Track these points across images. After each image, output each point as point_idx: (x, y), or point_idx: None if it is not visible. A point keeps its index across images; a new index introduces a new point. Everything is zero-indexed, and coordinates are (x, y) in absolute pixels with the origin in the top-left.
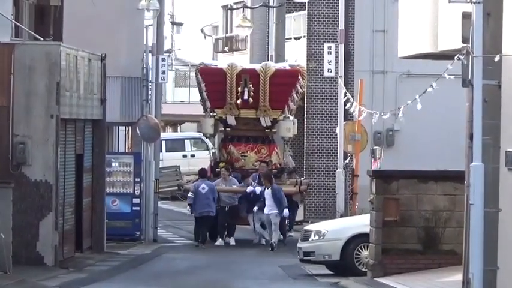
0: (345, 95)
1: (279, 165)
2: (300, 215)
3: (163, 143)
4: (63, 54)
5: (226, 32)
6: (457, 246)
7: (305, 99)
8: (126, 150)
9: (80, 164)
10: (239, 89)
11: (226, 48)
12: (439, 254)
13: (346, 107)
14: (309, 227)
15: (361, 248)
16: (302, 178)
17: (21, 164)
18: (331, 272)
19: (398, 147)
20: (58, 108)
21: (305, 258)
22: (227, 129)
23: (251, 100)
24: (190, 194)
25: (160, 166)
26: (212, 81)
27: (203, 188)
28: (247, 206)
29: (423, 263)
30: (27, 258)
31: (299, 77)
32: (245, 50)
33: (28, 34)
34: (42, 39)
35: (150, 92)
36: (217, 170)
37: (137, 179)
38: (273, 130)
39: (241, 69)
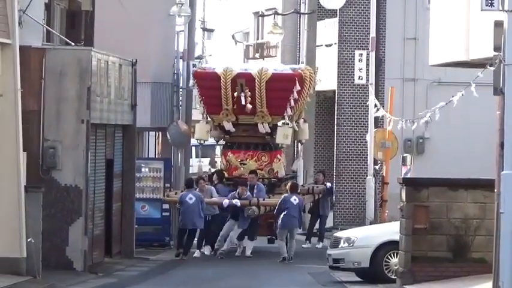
0: (374, 103)
1: (280, 175)
2: (329, 222)
3: (193, 148)
4: (94, 59)
5: (257, 39)
6: (486, 254)
7: (335, 106)
8: (156, 156)
9: (110, 169)
10: (235, 94)
11: (257, 55)
12: (468, 262)
13: (375, 114)
14: (339, 234)
15: (390, 255)
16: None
17: (51, 169)
18: (360, 279)
19: (428, 155)
20: (89, 113)
21: (334, 265)
22: (226, 136)
23: (249, 106)
24: (177, 206)
25: (190, 172)
26: (207, 86)
27: (190, 198)
28: (231, 216)
29: (452, 271)
30: (56, 263)
31: (297, 81)
32: (276, 56)
33: (59, 39)
34: (73, 44)
35: (180, 98)
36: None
37: (167, 185)
38: (274, 137)
39: (237, 74)
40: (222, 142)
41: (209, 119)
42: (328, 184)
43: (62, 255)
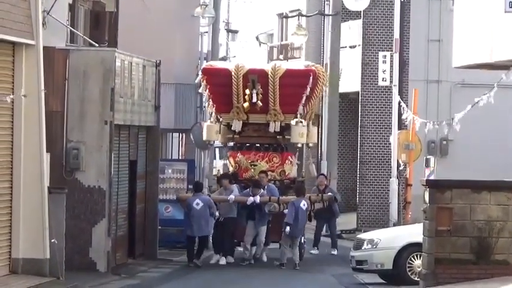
0: (399, 104)
1: (292, 175)
2: (353, 224)
3: (217, 150)
4: (118, 60)
5: (281, 40)
6: (509, 256)
7: (359, 108)
8: (180, 157)
9: (133, 171)
10: (247, 91)
11: (281, 56)
12: (491, 264)
13: (403, 117)
14: (362, 235)
15: (413, 257)
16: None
17: (74, 170)
18: (383, 281)
19: (452, 157)
20: (112, 114)
21: (358, 266)
22: (235, 136)
23: (260, 103)
24: (186, 210)
25: (213, 173)
26: (216, 83)
27: (197, 204)
28: (246, 216)
29: (475, 273)
30: (79, 264)
31: (311, 78)
32: (300, 57)
33: (83, 40)
34: (97, 45)
35: (204, 99)
36: (223, 181)
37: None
38: (287, 137)
39: (249, 70)
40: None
41: (217, 118)
42: (333, 188)
43: (85, 256)
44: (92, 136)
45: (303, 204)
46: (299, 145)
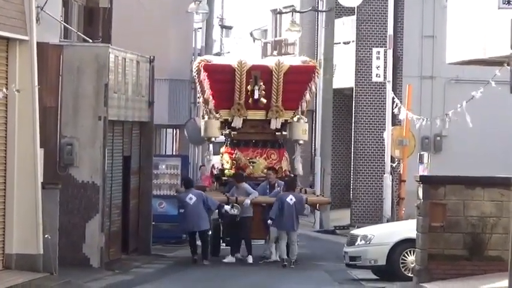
0: (393, 100)
1: (288, 172)
2: (346, 220)
3: (211, 145)
4: (111, 56)
5: (275, 36)
6: (503, 252)
7: (353, 104)
8: (174, 153)
9: (127, 166)
10: (248, 87)
11: (275, 52)
12: (485, 261)
13: (394, 112)
14: (356, 231)
15: (407, 253)
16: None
17: (68, 166)
18: (377, 277)
19: (446, 153)
20: (106, 110)
21: (351, 262)
22: (233, 132)
23: (263, 100)
24: (181, 210)
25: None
26: (218, 80)
27: (190, 199)
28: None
29: (469, 269)
30: (73, 259)
31: (313, 74)
32: (294, 54)
33: (77, 36)
34: (91, 40)
35: (198, 95)
36: (223, 178)
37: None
38: (284, 133)
39: (251, 66)
40: (221, 139)
41: (215, 114)
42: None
43: (79, 251)
44: (85, 132)
45: (290, 198)
46: (301, 142)
